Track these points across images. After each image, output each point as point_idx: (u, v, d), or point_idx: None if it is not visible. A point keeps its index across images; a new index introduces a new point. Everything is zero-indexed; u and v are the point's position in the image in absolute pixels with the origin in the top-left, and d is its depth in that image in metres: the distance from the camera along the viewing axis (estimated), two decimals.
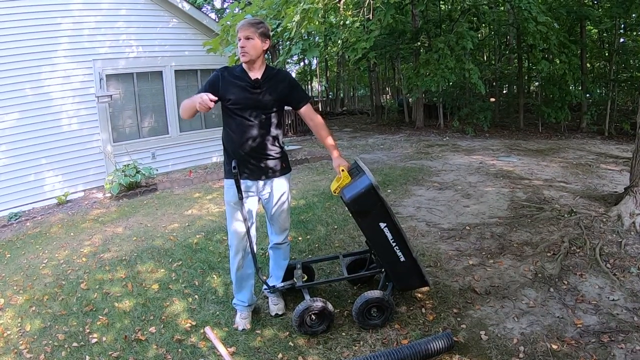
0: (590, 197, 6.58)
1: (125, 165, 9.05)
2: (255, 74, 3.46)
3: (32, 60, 8.59)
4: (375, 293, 3.52)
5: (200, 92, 3.49)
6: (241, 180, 3.48)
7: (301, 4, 4.48)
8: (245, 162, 3.47)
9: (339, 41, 9.42)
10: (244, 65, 3.48)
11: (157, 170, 9.79)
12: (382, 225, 3.41)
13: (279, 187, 3.64)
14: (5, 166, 8.41)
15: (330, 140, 3.64)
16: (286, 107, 3.68)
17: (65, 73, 9.08)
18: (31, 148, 8.64)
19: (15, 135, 8.45)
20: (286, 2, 5.18)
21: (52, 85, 8.91)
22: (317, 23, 5.10)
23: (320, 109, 27.58)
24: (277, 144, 3.59)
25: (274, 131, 3.54)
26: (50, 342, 3.78)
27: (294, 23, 4.55)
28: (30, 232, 7.18)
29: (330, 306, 3.53)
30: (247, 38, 3.36)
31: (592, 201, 6.38)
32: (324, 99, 32.79)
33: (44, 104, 8.81)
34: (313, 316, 3.50)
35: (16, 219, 7.97)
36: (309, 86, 35.48)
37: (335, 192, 3.50)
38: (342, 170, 3.44)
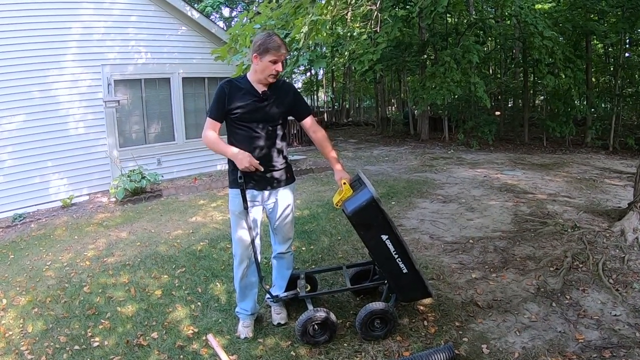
0: (594, 212, 6.57)
1: (130, 171, 9.10)
2: (262, 86, 3.47)
3: (41, 63, 8.68)
4: (379, 305, 3.53)
5: (211, 112, 3.49)
6: (246, 190, 3.50)
7: (310, 16, 4.52)
8: (251, 173, 3.48)
9: (346, 52, 9.47)
10: (249, 76, 3.49)
11: (162, 176, 9.83)
12: (384, 237, 3.42)
13: (284, 197, 3.67)
14: (11, 167, 8.47)
15: (333, 153, 3.66)
16: (289, 117, 3.71)
17: (73, 77, 9.16)
18: (37, 150, 8.71)
19: (22, 137, 8.51)
20: (295, 13, 5.23)
21: (59, 89, 8.99)
22: (324, 34, 5.13)
23: (325, 119, 27.64)
24: (282, 155, 3.61)
25: (279, 143, 3.57)
26: (52, 344, 3.79)
27: (302, 34, 4.59)
28: (34, 234, 7.22)
29: (333, 316, 3.54)
30: (284, 60, 3.38)
31: (595, 216, 6.37)
32: (330, 109, 32.84)
33: (52, 107, 8.89)
34: (316, 326, 3.51)
35: (20, 220, 8.00)
36: (315, 96, 35.57)
37: (337, 205, 3.52)
38: (344, 183, 3.47)
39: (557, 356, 3.28)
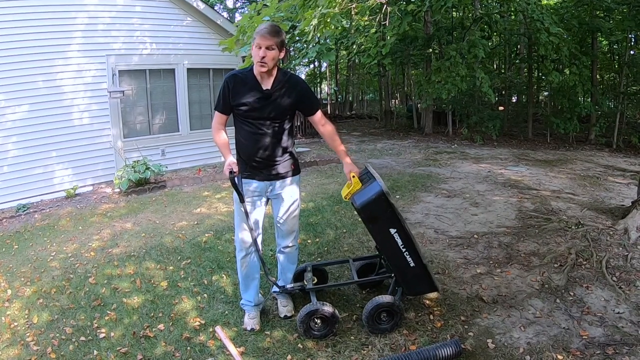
0: (598, 210, 6.58)
1: (135, 162, 9.09)
2: (268, 82, 3.43)
3: (46, 53, 8.65)
4: (386, 298, 3.54)
5: (217, 105, 3.54)
6: (252, 182, 3.54)
7: (319, 8, 4.50)
8: (256, 168, 3.50)
9: (354, 46, 9.43)
10: (255, 71, 3.44)
11: (166, 167, 9.83)
12: (392, 230, 3.43)
13: (289, 190, 3.67)
14: (15, 157, 8.47)
15: (342, 147, 3.66)
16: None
17: (78, 67, 9.14)
18: (42, 140, 8.70)
19: (27, 127, 8.50)
20: (304, 5, 5.20)
21: (64, 79, 8.97)
22: (333, 27, 5.12)
23: (329, 112, 27.60)
24: (288, 149, 3.62)
25: (285, 137, 3.57)
26: (58, 335, 3.81)
27: (311, 27, 4.57)
28: (38, 225, 7.23)
29: (327, 308, 3.51)
30: (269, 48, 3.27)
31: (599, 214, 6.38)
32: (333, 102, 32.78)
33: (56, 98, 8.88)
34: (316, 319, 3.52)
35: (25, 211, 8.02)
36: (318, 88, 35.51)
37: (346, 198, 3.53)
38: (353, 177, 3.47)
39: (562, 352, 3.30)
